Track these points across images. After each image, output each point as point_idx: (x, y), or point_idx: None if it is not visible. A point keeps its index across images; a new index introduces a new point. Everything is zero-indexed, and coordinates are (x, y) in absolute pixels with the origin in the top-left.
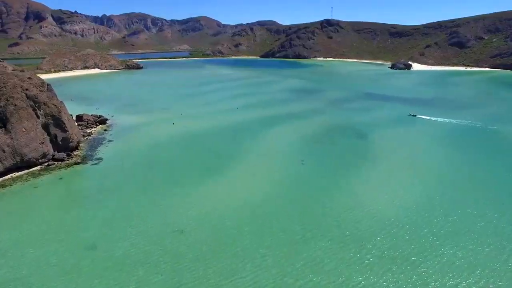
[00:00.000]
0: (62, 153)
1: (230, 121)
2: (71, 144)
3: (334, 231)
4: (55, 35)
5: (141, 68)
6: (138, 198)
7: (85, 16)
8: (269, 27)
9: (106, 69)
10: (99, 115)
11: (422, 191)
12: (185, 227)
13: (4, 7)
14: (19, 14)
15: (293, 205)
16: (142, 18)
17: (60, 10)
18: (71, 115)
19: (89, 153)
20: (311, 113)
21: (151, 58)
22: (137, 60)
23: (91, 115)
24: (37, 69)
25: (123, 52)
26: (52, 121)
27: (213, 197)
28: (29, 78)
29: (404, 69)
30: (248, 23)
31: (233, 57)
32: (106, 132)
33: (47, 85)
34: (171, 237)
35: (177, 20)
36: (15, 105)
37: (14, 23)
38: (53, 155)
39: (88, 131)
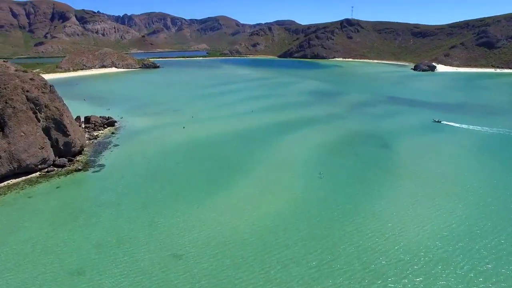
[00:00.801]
0: (63, 158)
1: (243, 126)
2: (73, 149)
3: (354, 263)
4: (78, 34)
5: (158, 67)
6: (136, 214)
7: (107, 15)
8: (288, 26)
9: (123, 68)
10: (108, 117)
11: (458, 216)
12: (183, 252)
13: (32, 8)
14: (45, 14)
15: (308, 229)
16: (162, 17)
17: (83, 10)
18: (79, 116)
19: (92, 158)
20: (331, 118)
21: (169, 57)
22: (154, 59)
23: (100, 117)
24: (56, 67)
25: (142, 51)
26: (53, 125)
27: (218, 217)
28: (31, 79)
29: (427, 70)
30: (266, 23)
31: (251, 56)
32: (113, 135)
33: (50, 86)
34: (167, 264)
35: (196, 20)
36: (14, 107)
37: (40, 23)
38: (54, 161)
39: (95, 134)
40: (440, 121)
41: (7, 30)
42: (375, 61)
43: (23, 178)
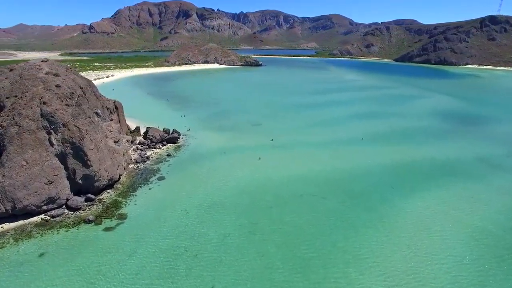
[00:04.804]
0: (80, 197)
1: (345, 167)
2: (97, 183)
3: None
4: (196, 30)
5: (260, 65)
6: None
7: (225, 13)
8: (408, 26)
9: (225, 65)
10: (173, 131)
11: None
12: None
13: (164, 7)
14: (173, 12)
15: None
16: (275, 15)
17: (204, 8)
18: (138, 127)
19: (120, 199)
20: (482, 166)
21: (275, 55)
22: (260, 57)
23: (163, 129)
24: (165, 61)
25: (252, 47)
26: (71, 151)
27: None
28: (58, 86)
29: None
30: (383, 22)
31: (362, 59)
32: (167, 159)
33: (78, 96)
34: None
35: (308, 18)
36: (20, 126)
37: (168, 21)
38: (67, 199)
39: (148, 154)
40: None
41: (143, 27)
42: None
43: (20, 223)
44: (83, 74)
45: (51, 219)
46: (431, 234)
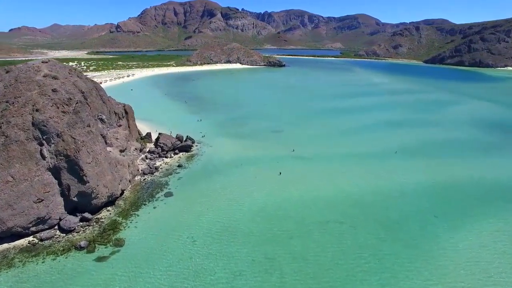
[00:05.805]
0: (74, 217)
1: (377, 188)
2: (94, 201)
3: None
4: (220, 30)
5: (283, 66)
6: None
7: (249, 12)
8: (440, 26)
9: (247, 65)
10: (186, 138)
11: None
12: None
13: (189, 7)
14: (197, 12)
15: None
16: (299, 14)
17: (228, 7)
18: (149, 133)
19: (119, 220)
20: None
21: (299, 55)
22: (284, 57)
23: (176, 136)
24: (187, 61)
25: (276, 47)
26: (65, 165)
27: None
28: (54, 90)
29: None
30: (411, 22)
31: (390, 60)
32: (178, 170)
33: (76, 102)
34: None
35: (334, 18)
36: (6, 136)
37: (193, 20)
38: (60, 219)
39: (157, 164)
40: None
41: (168, 27)
42: None
43: (5, 246)
44: (104, 73)
45: (39, 242)
46: (491, 284)
